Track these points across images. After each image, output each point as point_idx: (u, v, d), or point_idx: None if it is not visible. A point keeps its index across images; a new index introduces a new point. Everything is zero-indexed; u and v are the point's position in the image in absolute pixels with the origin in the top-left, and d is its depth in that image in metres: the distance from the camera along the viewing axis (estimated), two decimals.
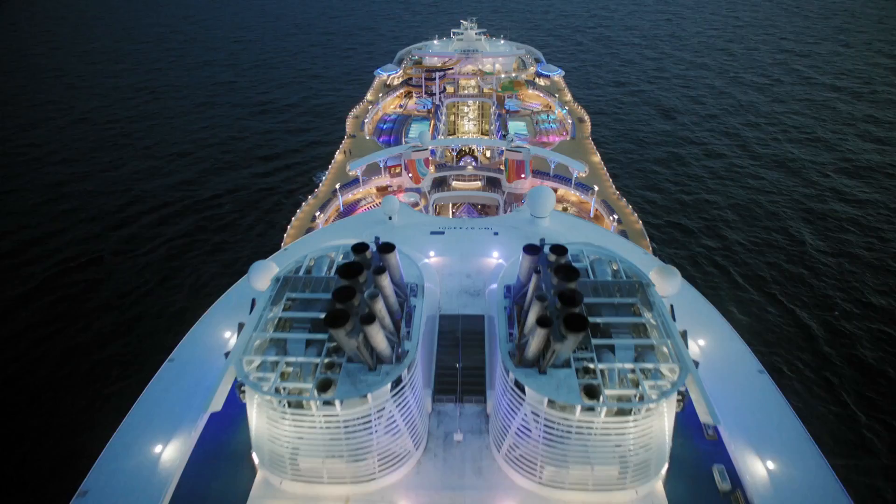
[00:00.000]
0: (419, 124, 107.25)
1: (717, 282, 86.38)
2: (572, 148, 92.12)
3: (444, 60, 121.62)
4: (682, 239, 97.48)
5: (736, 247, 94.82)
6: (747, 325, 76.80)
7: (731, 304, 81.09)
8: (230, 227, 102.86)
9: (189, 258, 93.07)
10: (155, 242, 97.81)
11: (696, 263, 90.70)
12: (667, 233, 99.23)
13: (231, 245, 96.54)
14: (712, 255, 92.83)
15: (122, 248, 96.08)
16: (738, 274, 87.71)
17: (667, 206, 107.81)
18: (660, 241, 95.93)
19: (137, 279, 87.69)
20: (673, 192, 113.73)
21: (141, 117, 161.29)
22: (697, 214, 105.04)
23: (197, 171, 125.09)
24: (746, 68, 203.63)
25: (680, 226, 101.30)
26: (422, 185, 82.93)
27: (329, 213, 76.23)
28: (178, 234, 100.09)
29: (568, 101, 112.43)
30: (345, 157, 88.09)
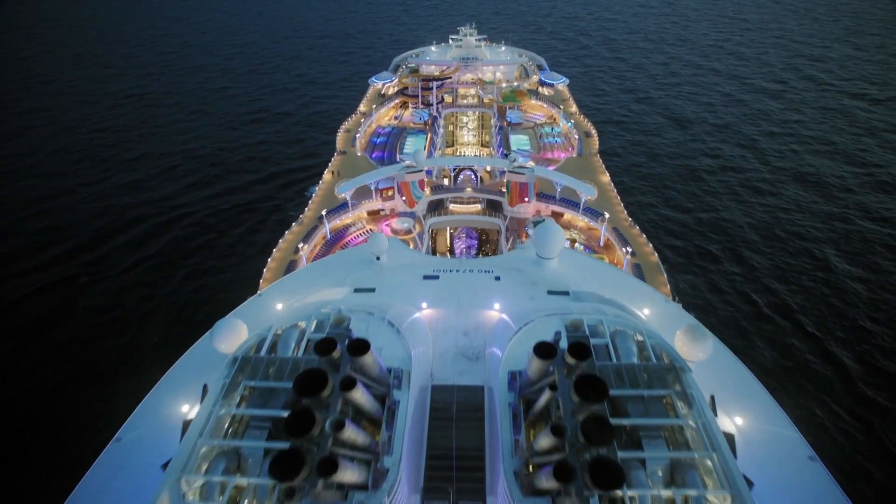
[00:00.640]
0: (415, 138, 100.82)
1: (741, 312, 79.68)
2: (579, 166, 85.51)
3: (442, 69, 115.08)
4: (699, 263, 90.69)
5: (758, 271, 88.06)
6: (777, 363, 70.29)
7: (758, 338, 74.52)
8: (212, 249, 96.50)
9: (163, 285, 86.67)
10: (127, 263, 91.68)
11: (716, 290, 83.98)
12: (683, 256, 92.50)
13: (209, 272, 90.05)
14: (733, 281, 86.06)
15: (90, 271, 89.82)
16: (763, 302, 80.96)
17: (681, 226, 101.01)
18: (675, 264, 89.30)
19: (102, 313, 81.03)
20: (686, 209, 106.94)
21: (128, 126, 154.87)
22: (714, 235, 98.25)
23: (181, 187, 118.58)
24: (757, 73, 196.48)
25: (697, 249, 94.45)
26: (416, 208, 76.43)
27: (315, 241, 69.75)
28: (154, 256, 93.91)
29: (573, 113, 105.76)
30: (333, 177, 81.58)
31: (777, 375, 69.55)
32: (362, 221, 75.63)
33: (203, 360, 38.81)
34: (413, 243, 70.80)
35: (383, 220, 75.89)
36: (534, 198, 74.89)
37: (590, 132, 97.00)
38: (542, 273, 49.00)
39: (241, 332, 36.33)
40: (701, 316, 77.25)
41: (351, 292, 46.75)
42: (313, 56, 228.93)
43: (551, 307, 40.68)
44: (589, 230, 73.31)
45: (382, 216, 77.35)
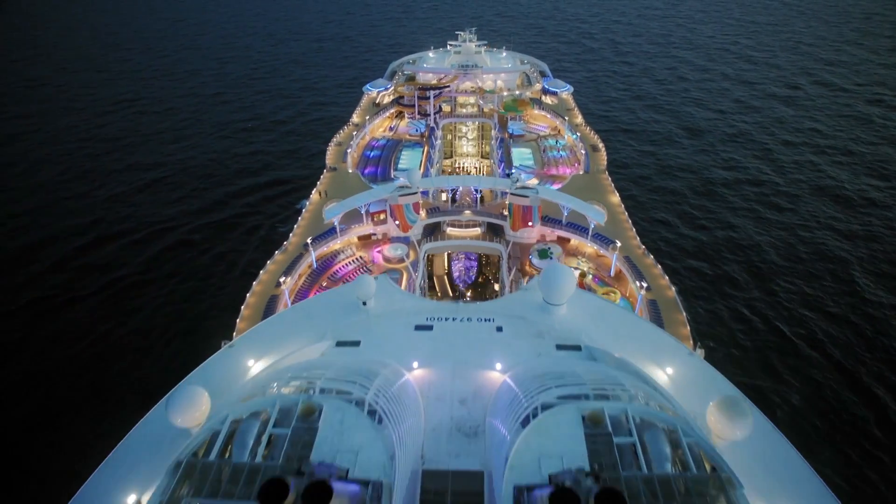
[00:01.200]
0: (410, 152, 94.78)
1: (764, 342, 73.71)
2: (586, 185, 79.43)
3: (440, 77, 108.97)
4: (717, 287, 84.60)
5: (780, 296, 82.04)
6: (807, 401, 64.39)
7: (785, 372, 68.62)
8: (193, 269, 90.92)
9: (135, 312, 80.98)
10: (98, 284, 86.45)
11: (736, 318, 77.97)
12: (699, 279, 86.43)
13: (188, 296, 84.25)
14: (754, 307, 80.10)
15: (59, 294, 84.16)
16: (789, 331, 74.98)
17: (695, 245, 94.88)
18: (690, 288, 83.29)
19: (65, 344, 75.13)
20: (700, 226, 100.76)
21: (116, 135, 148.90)
22: (731, 255, 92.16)
23: (166, 201, 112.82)
24: (768, 77, 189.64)
25: (714, 272, 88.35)
26: (411, 233, 70.47)
27: (299, 271, 63.78)
28: (128, 277, 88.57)
29: (579, 125, 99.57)
30: (321, 198, 75.55)
31: (808, 416, 63.63)
32: (352, 248, 69.66)
33: (159, 434, 32.89)
34: (406, 273, 64.90)
35: (374, 247, 69.94)
36: (538, 222, 68.86)
37: (597, 146, 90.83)
38: (549, 321, 42.99)
39: (201, 403, 30.55)
40: (722, 350, 71.57)
41: (333, 346, 40.90)
42: (310, 60, 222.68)
43: (560, 371, 34.97)
44: (598, 257, 67.25)
45: (374, 241, 71.42)
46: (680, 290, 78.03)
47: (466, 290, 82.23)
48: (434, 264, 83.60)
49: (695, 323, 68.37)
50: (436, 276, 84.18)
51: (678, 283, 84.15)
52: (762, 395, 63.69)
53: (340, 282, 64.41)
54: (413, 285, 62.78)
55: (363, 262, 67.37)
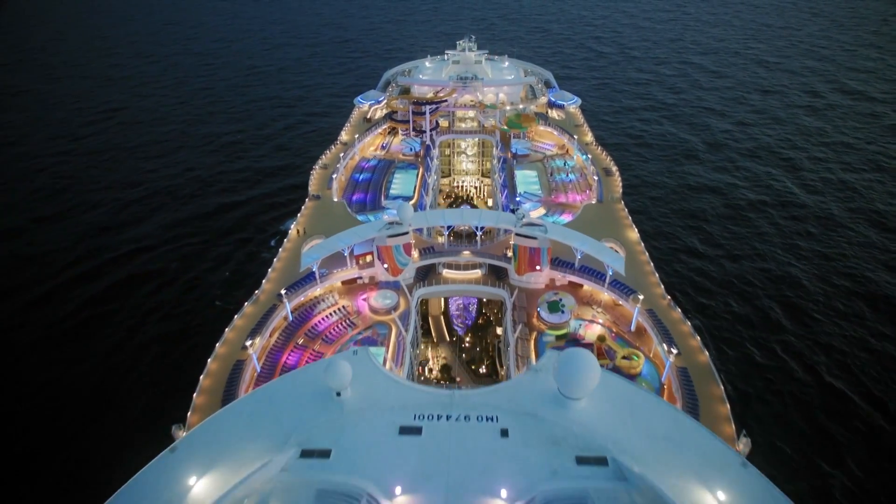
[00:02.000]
0: (404, 174, 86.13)
1: (816, 402, 65.13)
2: (600, 216, 70.72)
3: (437, 90, 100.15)
4: (752, 329, 75.80)
5: (822, 338, 73.45)
6: (872, 476, 55.84)
7: (843, 443, 60.05)
8: (161, 302, 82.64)
9: (77, 360, 72.63)
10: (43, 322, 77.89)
11: (780, 371, 69.30)
12: (729, 317, 77.63)
13: (149, 341, 75.87)
14: (799, 355, 71.51)
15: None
16: (848, 389, 66.32)
17: (723, 279, 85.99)
18: (721, 329, 74.83)
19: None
20: (726, 254, 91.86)
21: (98, 149, 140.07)
22: (763, 288, 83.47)
23: (141, 232, 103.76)
24: (787, 85, 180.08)
25: (745, 310, 79.61)
26: (402, 276, 61.91)
27: (273, 325, 55.17)
28: (78, 313, 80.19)
29: (589, 144, 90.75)
30: (299, 237, 66.83)
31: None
32: (334, 295, 61.05)
33: None
34: (395, 327, 56.32)
35: (360, 293, 61.36)
36: (547, 265, 60.28)
37: (610, 169, 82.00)
38: (566, 422, 34.38)
39: None
40: (766, 411, 63.02)
41: (297, 457, 32.61)
42: (305, 67, 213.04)
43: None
44: (616, 307, 58.63)
45: (359, 285, 62.88)
46: (711, 341, 70.13)
47: (465, 335, 73.60)
48: (429, 303, 75.04)
49: (733, 391, 60.07)
50: (431, 315, 75.63)
51: (704, 320, 76.30)
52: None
53: (319, 339, 55.85)
54: (402, 346, 54.19)
55: (346, 314, 58.77)
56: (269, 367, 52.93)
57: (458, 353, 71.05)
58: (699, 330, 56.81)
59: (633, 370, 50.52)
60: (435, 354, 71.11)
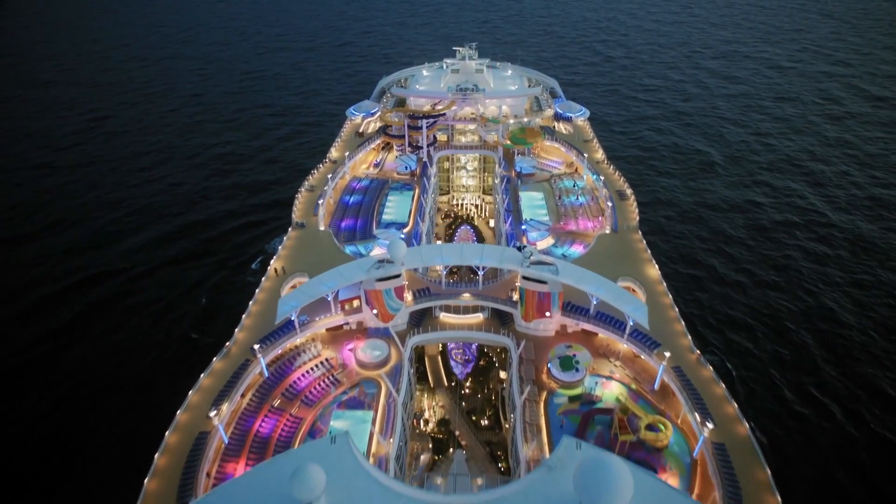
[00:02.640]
0: (398, 196, 78.97)
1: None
2: (616, 249, 63.49)
3: (434, 102, 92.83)
4: (788, 377, 68.46)
5: (864, 378, 66.24)
6: None
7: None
8: (123, 346, 75.61)
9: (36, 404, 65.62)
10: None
11: (834, 432, 62.04)
12: (769, 370, 70.02)
13: (106, 385, 68.99)
14: (842, 398, 64.34)
15: None
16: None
17: (752, 317, 78.50)
18: (752, 380, 67.60)
19: None
20: (755, 284, 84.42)
21: (80, 162, 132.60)
22: (798, 325, 76.04)
23: (116, 252, 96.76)
24: (805, 90, 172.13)
25: (786, 351, 72.25)
26: (393, 323, 54.80)
27: (246, 384, 47.94)
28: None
29: (600, 162, 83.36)
30: (277, 277, 59.54)
31: None
32: (316, 344, 53.91)
33: None
34: (384, 384, 49.18)
35: (346, 342, 54.24)
36: (558, 311, 53.16)
37: (624, 192, 74.65)
38: None
39: None
40: (810, 473, 55.66)
41: None
42: (299, 73, 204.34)
43: None
44: (635, 360, 51.47)
45: (346, 331, 55.79)
46: (740, 386, 62.89)
47: (465, 381, 66.42)
48: (426, 346, 67.95)
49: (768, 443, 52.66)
50: (427, 356, 68.50)
51: (730, 358, 69.21)
52: None
53: (298, 401, 48.72)
54: (393, 410, 47.04)
55: (330, 369, 51.61)
56: (240, 436, 45.83)
57: (458, 400, 63.92)
58: (731, 385, 49.73)
59: (660, 443, 43.38)
60: (432, 402, 64.00)
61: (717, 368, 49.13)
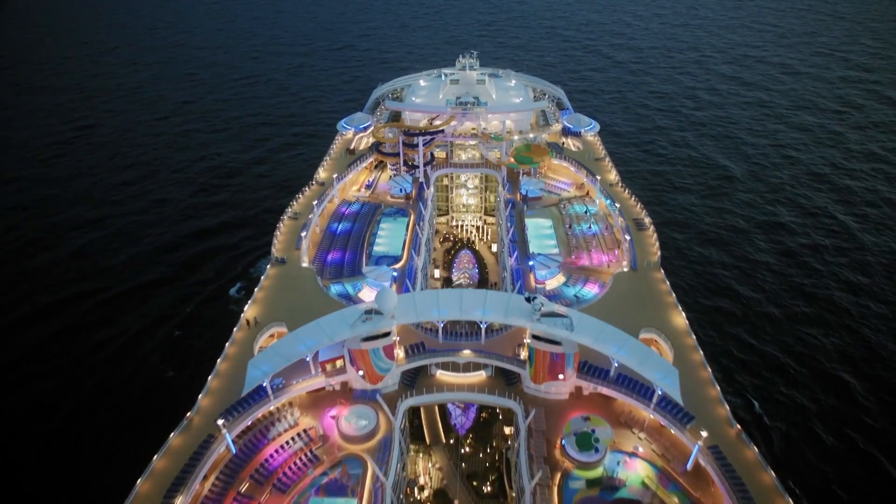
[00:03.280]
0: (391, 224, 71.71)
1: None
2: (635, 292, 56.11)
3: (432, 117, 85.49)
4: (833, 428, 61.09)
5: None
6: None
7: None
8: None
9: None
10: None
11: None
12: (808, 421, 62.70)
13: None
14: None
15: None
16: None
17: (784, 354, 71.13)
18: (789, 435, 60.18)
19: None
20: (786, 318, 76.90)
21: (61, 176, 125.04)
22: (837, 363, 68.74)
23: (85, 277, 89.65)
24: (819, 95, 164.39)
25: (828, 399, 64.86)
26: (383, 384, 47.62)
27: (206, 467, 40.69)
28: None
29: (614, 185, 75.94)
30: (249, 328, 52.11)
31: None
32: (293, 411, 46.66)
33: None
34: (370, 466, 41.92)
35: (327, 408, 46.94)
36: (573, 373, 45.95)
37: (642, 221, 67.25)
38: None
39: None
40: None
41: None
42: (294, 80, 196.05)
43: None
44: (663, 431, 44.20)
45: (328, 393, 48.56)
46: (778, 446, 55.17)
47: (466, 437, 59.13)
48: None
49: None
50: (423, 407, 61.22)
51: (762, 405, 61.77)
52: None
53: (270, 485, 41.44)
54: (380, 497, 39.83)
55: (308, 442, 44.37)
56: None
57: (457, 461, 56.66)
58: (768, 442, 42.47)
59: None
60: (427, 465, 56.73)
61: (749, 423, 41.91)
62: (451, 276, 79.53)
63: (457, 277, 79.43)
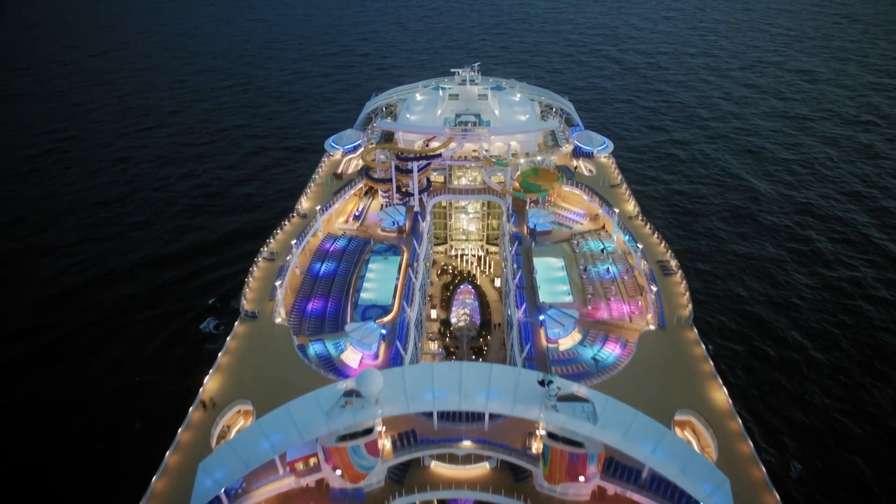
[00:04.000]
0: (381, 262, 63.44)
1: None
2: (665, 358, 47.70)
3: (428, 139, 77.04)
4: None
5: None
6: None
7: None
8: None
9: None
10: None
11: None
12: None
13: None
14: None
15: None
16: None
17: (833, 408, 62.39)
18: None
19: None
20: (832, 371, 68.13)
21: (27, 197, 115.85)
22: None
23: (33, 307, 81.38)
24: (845, 105, 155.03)
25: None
26: (365, 483, 39.36)
27: None
28: None
29: (633, 218, 67.37)
30: (206, 411, 43.79)
31: None
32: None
33: None
34: None
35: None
36: (597, 474, 37.66)
37: (668, 265, 58.71)
38: None
39: None
40: None
41: None
42: (287, 87, 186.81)
43: None
44: None
45: (300, 491, 40.23)
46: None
47: None
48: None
49: None
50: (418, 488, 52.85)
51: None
52: None
53: None
54: None
55: None
56: None
57: None
58: None
59: None
60: None
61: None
62: (449, 316, 71.16)
63: (456, 319, 71.11)
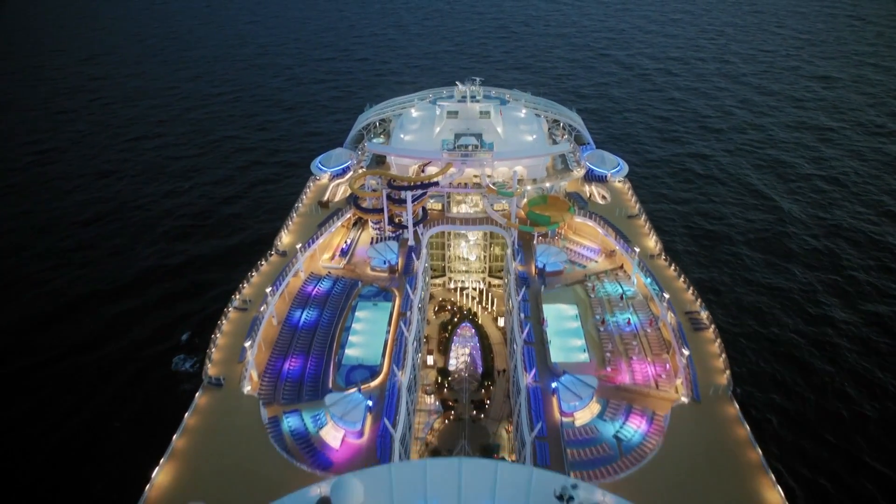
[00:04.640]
0: (370, 310, 55.81)
1: None
2: (703, 440, 39.80)
3: (423, 164, 69.33)
4: None
5: None
6: None
7: None
8: None
9: None
10: None
11: None
12: None
13: None
14: None
15: None
16: None
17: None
18: None
19: None
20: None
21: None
22: None
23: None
24: (874, 116, 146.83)
25: None
26: None
27: None
28: None
29: (655, 258, 59.49)
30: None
31: None
32: None
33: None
34: None
35: None
36: None
37: (699, 319, 50.68)
38: None
39: None
40: None
41: None
42: (281, 95, 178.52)
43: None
44: None
45: None
46: None
47: None
48: None
49: None
50: None
51: None
52: None
53: None
54: None
55: None
56: None
57: None
58: None
59: None
60: None
61: None
62: (447, 364, 63.54)
63: (455, 365, 63.55)
